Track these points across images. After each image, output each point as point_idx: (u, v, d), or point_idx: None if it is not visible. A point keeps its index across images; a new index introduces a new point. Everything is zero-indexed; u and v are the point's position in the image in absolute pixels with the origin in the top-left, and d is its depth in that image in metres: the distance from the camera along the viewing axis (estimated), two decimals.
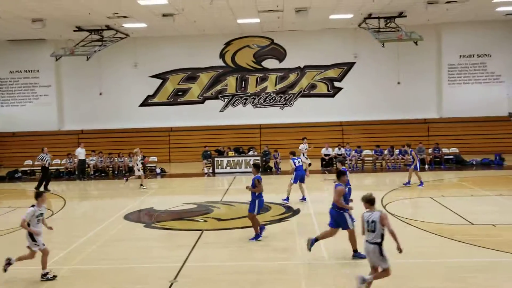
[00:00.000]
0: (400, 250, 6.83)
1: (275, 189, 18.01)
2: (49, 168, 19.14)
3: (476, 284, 7.66)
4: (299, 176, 14.62)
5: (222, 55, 27.00)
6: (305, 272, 8.57)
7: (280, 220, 12.67)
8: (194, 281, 8.25)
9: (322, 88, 26.80)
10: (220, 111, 27.19)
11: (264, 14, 21.37)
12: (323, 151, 22.53)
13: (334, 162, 22.09)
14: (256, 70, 27.01)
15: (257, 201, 10.69)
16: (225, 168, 21.85)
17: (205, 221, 12.86)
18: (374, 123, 25.89)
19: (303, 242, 10.45)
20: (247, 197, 15.91)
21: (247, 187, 10.88)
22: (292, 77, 26.88)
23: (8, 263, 8.44)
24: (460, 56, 25.66)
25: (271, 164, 22.43)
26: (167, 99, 27.29)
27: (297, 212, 13.47)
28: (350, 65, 26.52)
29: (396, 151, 22.08)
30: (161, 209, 14.51)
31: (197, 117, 26.97)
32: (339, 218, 9.04)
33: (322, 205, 14.18)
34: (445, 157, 22.34)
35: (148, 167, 23.25)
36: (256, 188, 10.64)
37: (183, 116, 27.05)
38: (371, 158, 22.51)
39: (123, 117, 27.07)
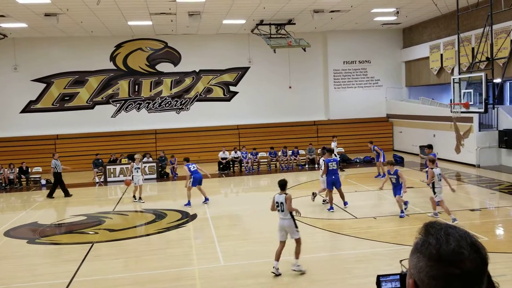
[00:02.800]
0: None
1: (172, 195, 17.83)
2: (61, 173, 17.89)
3: (357, 274, 8.29)
4: (197, 179, 14.80)
5: (112, 58, 25.96)
6: (202, 277, 8.58)
7: (177, 227, 12.51)
8: None
9: (218, 92, 27.02)
10: (112, 117, 26.10)
11: (156, 17, 20.99)
12: (220, 154, 22.71)
13: (231, 166, 22.54)
14: (150, 73, 26.39)
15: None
16: (118, 176, 20.99)
17: (96, 233, 12.26)
18: (268, 125, 26.73)
19: (200, 247, 10.48)
20: (142, 205, 15.59)
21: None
22: (188, 81, 26.73)
23: None
24: (344, 62, 27.54)
25: (168, 170, 22.06)
26: (52, 104, 25.53)
27: (194, 217, 13.42)
28: (244, 70, 27.09)
29: (289, 152, 23.01)
30: (47, 223, 13.53)
31: (87, 123, 25.59)
32: None
33: (219, 209, 14.38)
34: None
35: (32, 179, 21.55)
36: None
37: (70, 122, 25.49)
38: (266, 160, 23.19)
39: (1, 125, 24.76)
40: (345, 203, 13.42)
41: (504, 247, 9.52)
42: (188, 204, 14.56)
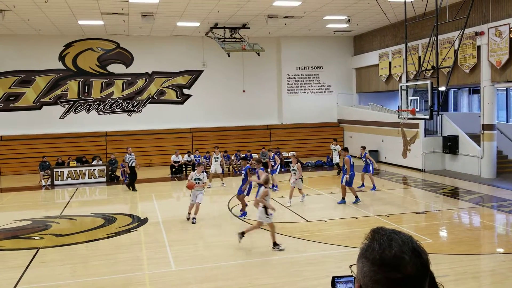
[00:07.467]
0: None
1: (122, 199, 17.39)
2: (135, 167, 18.29)
3: (307, 276, 8.42)
4: None
5: (61, 58, 25.08)
6: (152, 282, 8.43)
7: (127, 231, 12.23)
8: None
9: (171, 94, 26.70)
10: (60, 118, 25.19)
11: (108, 17, 20.50)
12: (173, 158, 22.43)
13: (184, 168, 22.29)
14: (100, 74, 25.69)
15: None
16: (66, 179, 20.29)
17: (42, 238, 11.78)
18: (222, 129, 26.70)
19: (151, 252, 10.30)
20: (91, 209, 15.15)
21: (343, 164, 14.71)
22: (140, 83, 26.24)
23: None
24: (297, 67, 27.98)
25: (118, 173, 21.53)
26: None
27: (145, 221, 13.17)
28: (198, 73, 26.93)
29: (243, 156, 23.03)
30: None
31: (33, 125, 24.56)
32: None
33: (171, 213, 14.20)
34: (285, 160, 24.06)
35: None
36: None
37: (16, 123, 24.37)
38: None
39: None
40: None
41: (447, 248, 9.96)
42: None
